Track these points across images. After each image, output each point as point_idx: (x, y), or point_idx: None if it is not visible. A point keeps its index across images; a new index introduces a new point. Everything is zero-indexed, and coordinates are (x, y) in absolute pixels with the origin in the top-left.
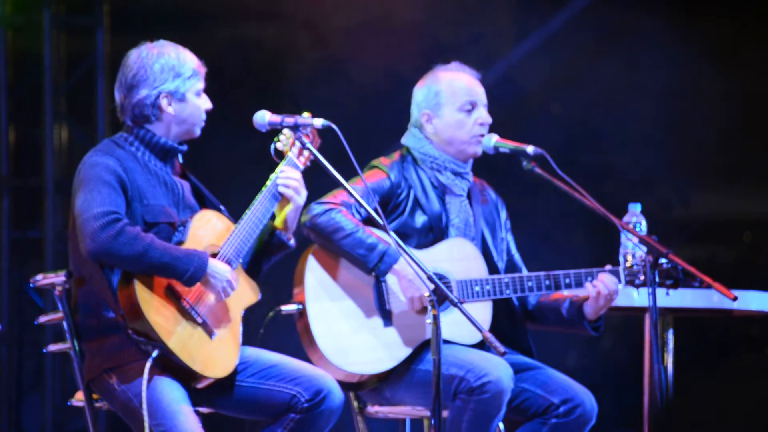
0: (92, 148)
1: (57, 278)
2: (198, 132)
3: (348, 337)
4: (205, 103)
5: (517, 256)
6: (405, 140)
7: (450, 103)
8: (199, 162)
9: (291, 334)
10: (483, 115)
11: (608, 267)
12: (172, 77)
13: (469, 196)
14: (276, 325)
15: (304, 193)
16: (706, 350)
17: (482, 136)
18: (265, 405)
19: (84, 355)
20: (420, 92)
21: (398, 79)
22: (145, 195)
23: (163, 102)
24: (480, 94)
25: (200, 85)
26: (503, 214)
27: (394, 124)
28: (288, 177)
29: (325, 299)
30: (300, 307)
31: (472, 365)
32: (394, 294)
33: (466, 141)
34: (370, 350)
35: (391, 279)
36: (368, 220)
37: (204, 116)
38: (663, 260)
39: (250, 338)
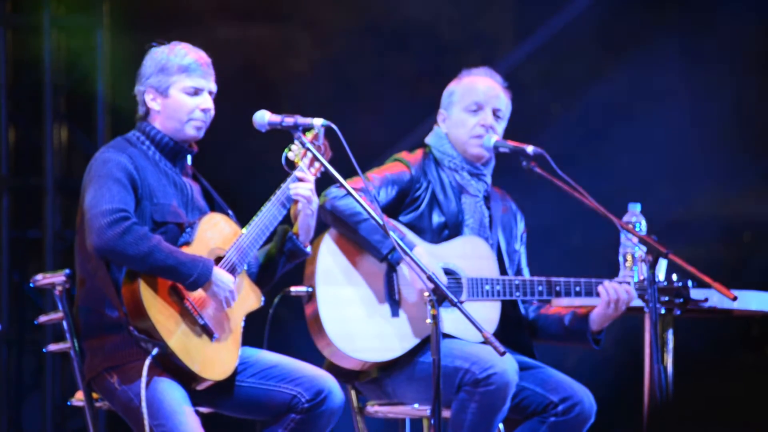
0: (104, 145)
1: (57, 278)
2: (191, 131)
3: (355, 323)
4: (203, 103)
5: (525, 270)
6: (428, 139)
7: (459, 103)
8: (197, 163)
9: (297, 324)
10: (487, 118)
11: (617, 279)
12: (156, 72)
13: (488, 200)
14: (284, 314)
15: (316, 201)
16: (706, 350)
17: (482, 138)
18: (265, 405)
19: (84, 353)
20: (443, 93)
21: (398, 80)
22: (155, 194)
23: (148, 97)
24: (492, 98)
25: (190, 82)
26: (521, 226)
27: (394, 125)
28: (300, 185)
29: (335, 284)
30: (310, 289)
31: (478, 357)
32: (404, 285)
33: (466, 141)
34: (376, 338)
35: (403, 268)
36: (385, 209)
37: (197, 115)
38: (673, 278)
39: (255, 327)
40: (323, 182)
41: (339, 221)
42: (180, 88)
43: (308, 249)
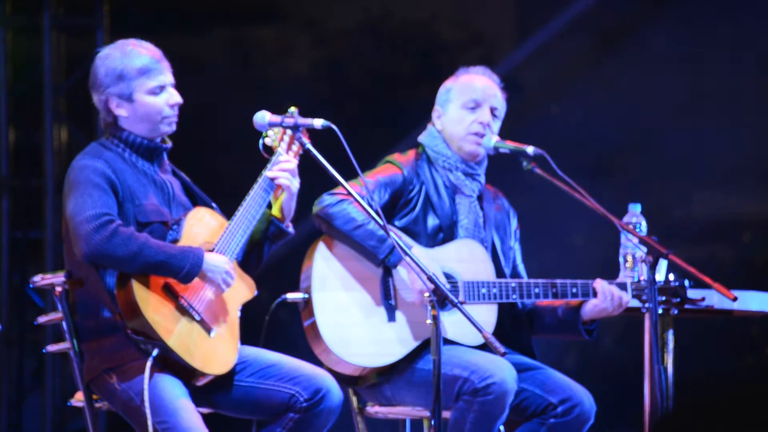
0: (80, 152)
1: (56, 279)
2: (166, 129)
3: (351, 328)
4: (170, 98)
5: (521, 267)
6: (421, 138)
7: (456, 100)
8: (198, 162)
9: (291, 332)
10: (485, 116)
11: (618, 280)
12: (115, 80)
13: (481, 200)
14: (277, 322)
15: (297, 180)
16: (706, 350)
17: (480, 136)
18: (264, 404)
19: (84, 355)
20: (439, 91)
21: (398, 79)
22: (136, 195)
23: (113, 105)
24: (490, 96)
25: (153, 83)
26: (514, 223)
27: (394, 125)
28: (282, 164)
29: (331, 289)
30: (306, 296)
31: (477, 366)
32: (400, 289)
33: (463, 137)
34: (372, 343)
35: (399, 273)
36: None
37: (167, 112)
38: (671, 277)
39: (255, 330)
40: (319, 182)
41: (333, 228)
42: (144, 90)
43: (290, 229)
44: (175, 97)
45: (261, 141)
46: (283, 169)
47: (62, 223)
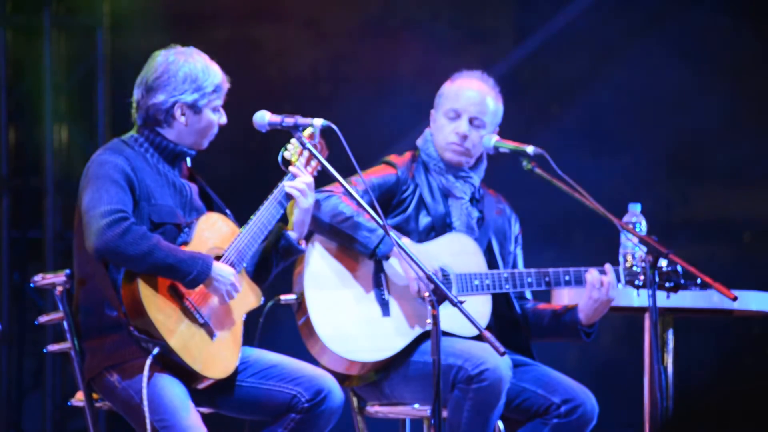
0: (101, 146)
1: (57, 278)
2: (206, 145)
3: (346, 325)
4: (221, 119)
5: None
6: (417, 141)
7: (441, 106)
8: (198, 163)
9: (289, 331)
10: (461, 127)
11: (607, 265)
12: (193, 89)
13: (479, 202)
14: (274, 321)
15: (311, 196)
16: (706, 350)
17: (457, 145)
18: (265, 405)
19: (84, 354)
20: (437, 93)
21: (398, 79)
22: (153, 195)
23: (177, 111)
24: (471, 106)
25: (219, 101)
26: (515, 228)
27: (394, 124)
28: (297, 180)
29: (324, 287)
30: (299, 296)
31: (470, 354)
32: (393, 284)
33: (443, 146)
34: (368, 339)
35: (392, 263)
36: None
37: (215, 130)
38: (663, 262)
39: (249, 330)
40: (320, 181)
41: (323, 224)
42: (212, 107)
43: (302, 246)
44: (224, 119)
45: (280, 154)
46: (296, 185)
47: (75, 216)
